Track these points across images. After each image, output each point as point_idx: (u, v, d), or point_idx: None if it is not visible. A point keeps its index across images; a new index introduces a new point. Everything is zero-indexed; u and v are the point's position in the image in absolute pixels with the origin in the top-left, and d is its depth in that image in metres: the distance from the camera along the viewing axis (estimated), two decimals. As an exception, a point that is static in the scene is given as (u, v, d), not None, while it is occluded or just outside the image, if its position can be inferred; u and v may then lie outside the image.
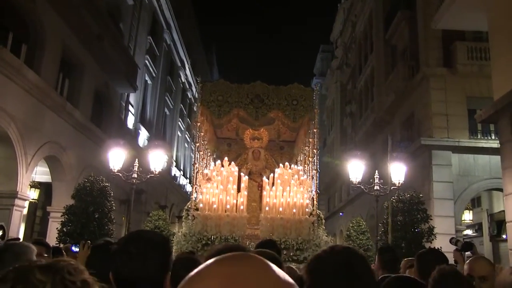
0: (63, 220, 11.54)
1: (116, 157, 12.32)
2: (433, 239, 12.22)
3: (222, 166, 12.49)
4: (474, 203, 21.24)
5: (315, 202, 11.83)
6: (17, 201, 12.83)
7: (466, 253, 5.65)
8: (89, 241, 3.94)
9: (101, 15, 16.93)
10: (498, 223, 18.94)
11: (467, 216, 19.90)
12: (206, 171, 12.58)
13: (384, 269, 4.64)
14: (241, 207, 11.46)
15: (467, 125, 17.19)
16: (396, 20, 21.68)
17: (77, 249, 3.90)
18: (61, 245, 10.14)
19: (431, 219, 12.82)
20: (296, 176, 12.19)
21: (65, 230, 11.18)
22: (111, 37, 17.78)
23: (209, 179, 12.06)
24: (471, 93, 17.44)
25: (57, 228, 11.80)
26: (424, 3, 18.69)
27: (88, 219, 11.26)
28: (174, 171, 32.33)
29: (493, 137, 16.40)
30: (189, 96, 38.18)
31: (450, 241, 5.73)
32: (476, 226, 21.58)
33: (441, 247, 10.87)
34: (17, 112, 12.52)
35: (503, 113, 11.86)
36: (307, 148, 12.83)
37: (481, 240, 21.16)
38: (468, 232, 21.94)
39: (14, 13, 12.92)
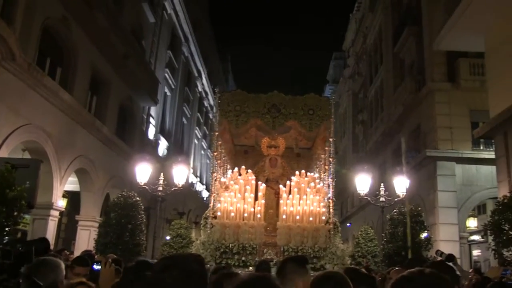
0: (100, 231, 12.67)
1: (143, 171, 13.36)
2: (430, 248, 13.01)
3: (240, 174, 12.74)
4: (480, 210, 22.06)
5: (331, 210, 12.05)
6: (52, 212, 14.05)
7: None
8: (110, 260, 4.04)
9: (126, 36, 18.12)
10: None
11: (472, 223, 20.77)
12: (223, 179, 12.76)
13: None
14: (259, 215, 11.67)
15: (470, 137, 17.87)
16: (404, 35, 22.50)
17: (98, 267, 4.27)
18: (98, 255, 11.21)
19: (428, 230, 13.68)
20: (312, 184, 12.31)
21: (101, 240, 12.30)
22: (135, 55, 18.95)
23: (226, 188, 12.27)
24: (474, 106, 18.21)
25: (94, 239, 12.96)
26: (429, 21, 19.51)
27: (122, 231, 12.37)
28: (191, 178, 33.28)
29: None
30: (205, 105, 39.16)
31: (436, 253, 6.60)
32: (482, 232, 22.31)
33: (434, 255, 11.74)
34: (53, 130, 13.71)
35: (498, 130, 12.86)
36: (323, 156, 13.03)
37: (487, 245, 21.87)
38: (475, 237, 22.74)
39: (50, 39, 14.14)
